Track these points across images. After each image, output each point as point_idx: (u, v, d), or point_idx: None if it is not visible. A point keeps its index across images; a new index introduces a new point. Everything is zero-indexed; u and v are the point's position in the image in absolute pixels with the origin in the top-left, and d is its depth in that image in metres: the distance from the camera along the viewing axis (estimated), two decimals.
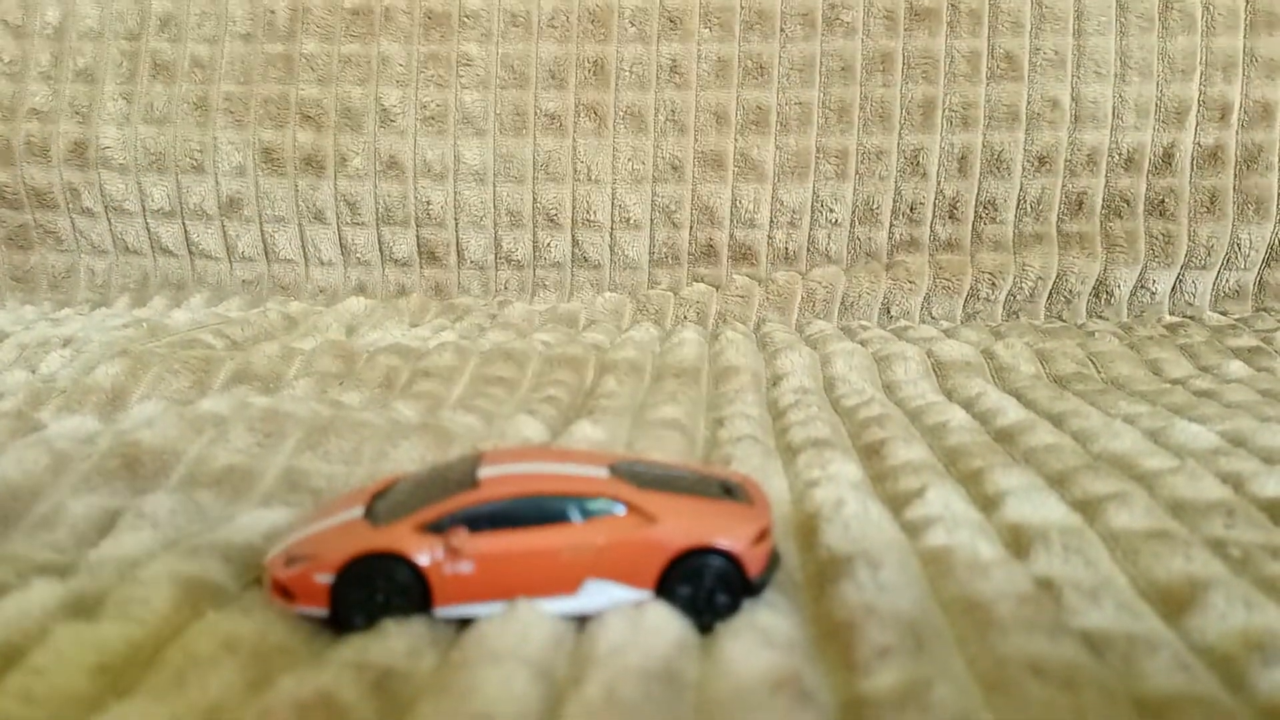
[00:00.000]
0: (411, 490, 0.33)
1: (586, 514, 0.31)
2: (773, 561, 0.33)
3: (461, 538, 0.30)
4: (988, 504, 0.41)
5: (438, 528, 0.31)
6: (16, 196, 0.97)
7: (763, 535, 0.32)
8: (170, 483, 0.44)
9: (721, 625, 0.31)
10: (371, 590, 0.30)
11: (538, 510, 0.31)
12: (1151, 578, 0.34)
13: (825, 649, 0.30)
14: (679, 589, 0.31)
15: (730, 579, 0.31)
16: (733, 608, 0.31)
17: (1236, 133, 0.90)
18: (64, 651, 0.27)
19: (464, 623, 0.31)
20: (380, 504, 0.33)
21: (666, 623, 0.29)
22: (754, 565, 0.31)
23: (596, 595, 0.31)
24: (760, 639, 0.29)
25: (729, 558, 0.31)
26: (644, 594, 0.31)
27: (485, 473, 0.32)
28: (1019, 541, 0.37)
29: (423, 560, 0.30)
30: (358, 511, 0.33)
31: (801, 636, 0.30)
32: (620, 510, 0.31)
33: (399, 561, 0.30)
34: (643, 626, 0.29)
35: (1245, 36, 0.90)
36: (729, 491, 0.34)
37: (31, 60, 0.98)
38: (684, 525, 0.31)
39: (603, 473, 0.33)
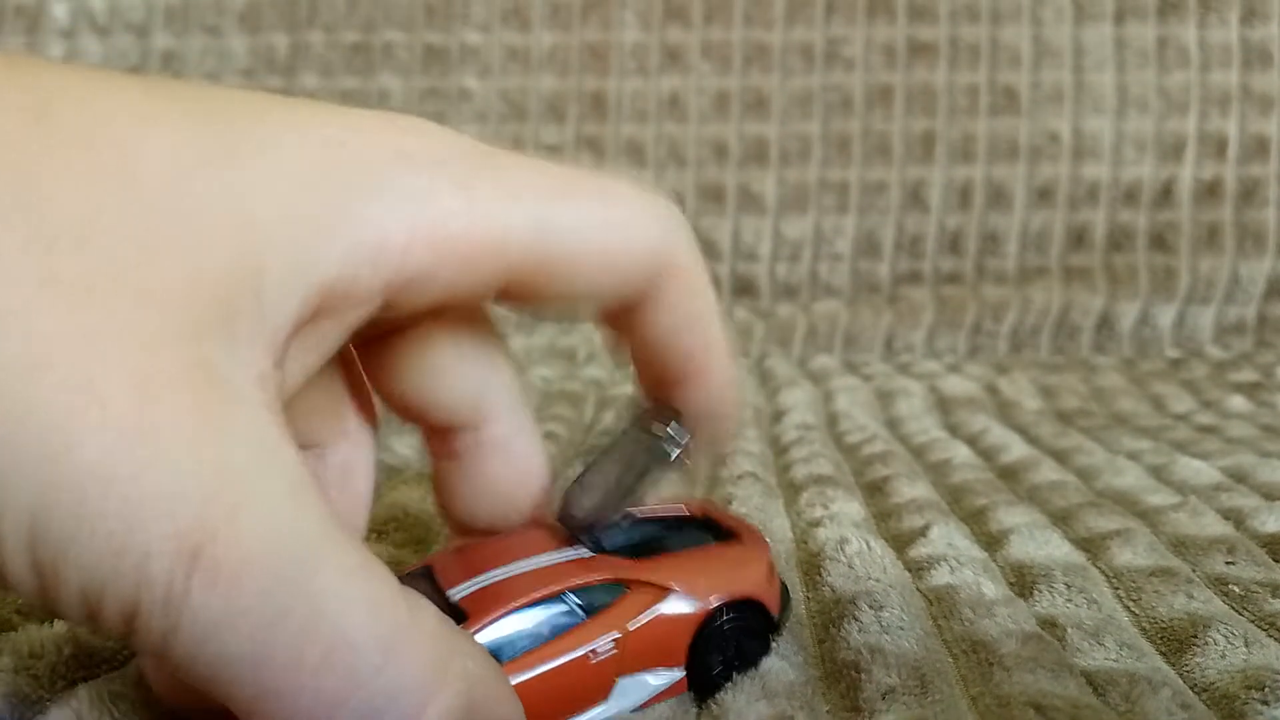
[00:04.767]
0: None
1: (592, 609, 0.27)
2: (785, 592, 0.31)
3: None
4: (991, 542, 0.41)
5: None
6: None
7: (771, 568, 0.30)
8: None
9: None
10: None
11: (543, 624, 0.26)
12: (1154, 616, 0.34)
13: (829, 691, 0.29)
14: (713, 656, 0.28)
15: (759, 627, 0.29)
16: (765, 652, 0.29)
17: (1234, 167, 0.90)
18: None
19: None
20: None
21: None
22: (773, 603, 0.29)
23: (631, 691, 0.27)
24: (758, 689, 0.28)
25: (754, 605, 0.29)
26: (677, 673, 0.28)
27: (457, 594, 0.27)
28: (1023, 580, 0.37)
29: None
30: None
31: (802, 680, 0.30)
32: (625, 592, 0.28)
33: None
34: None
35: (1239, 72, 0.91)
36: (710, 529, 0.31)
37: None
38: (700, 587, 0.28)
39: (581, 551, 0.29)
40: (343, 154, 0.21)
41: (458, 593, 0.27)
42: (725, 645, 0.28)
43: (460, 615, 0.26)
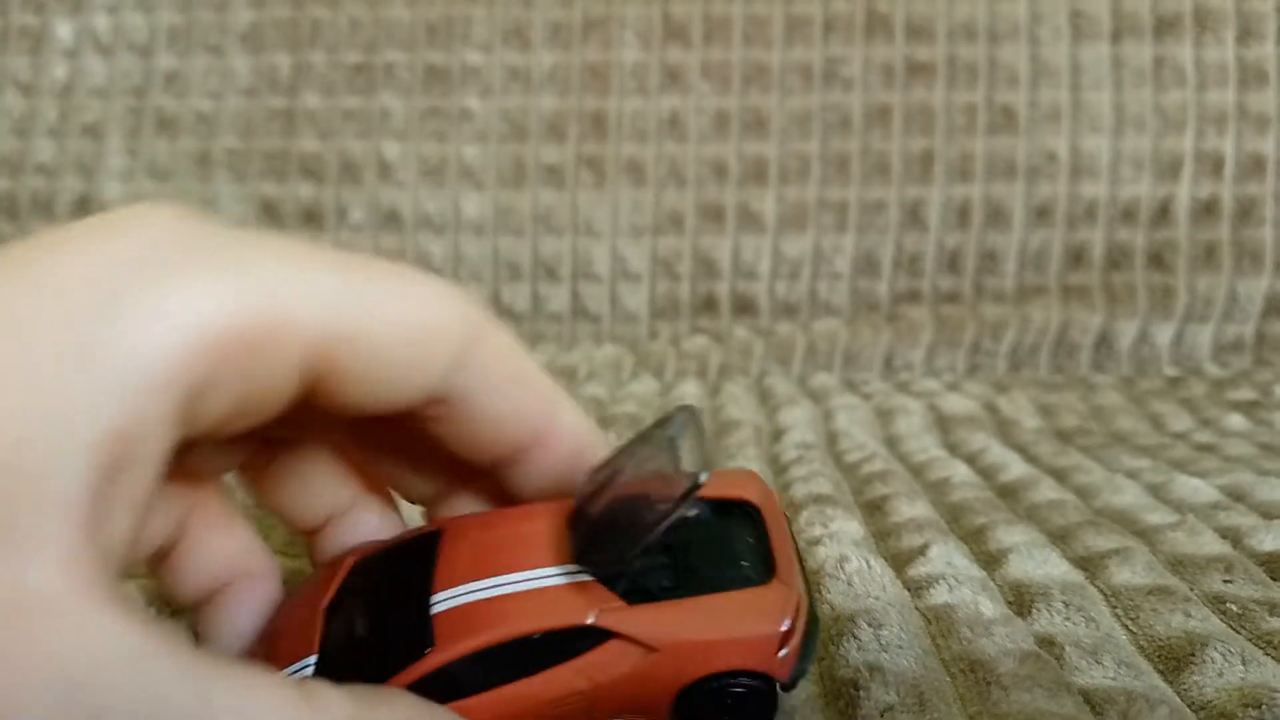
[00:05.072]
0: (360, 622, 0.27)
1: (566, 654, 0.25)
2: (809, 640, 0.27)
3: None
4: (990, 561, 0.41)
5: None
6: None
7: (793, 623, 0.26)
8: None
9: None
10: None
11: (510, 663, 0.25)
12: (1151, 634, 0.34)
13: (827, 708, 0.30)
14: None
15: (753, 699, 0.26)
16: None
17: (1230, 186, 0.90)
18: None
19: None
20: (333, 634, 0.27)
21: None
22: (783, 667, 0.26)
23: None
24: None
25: (750, 676, 0.26)
26: None
27: (439, 604, 0.26)
28: (1021, 599, 0.37)
29: None
30: (310, 662, 0.26)
31: (800, 697, 0.30)
32: (608, 639, 0.25)
33: None
34: None
35: (1236, 91, 0.91)
36: (751, 551, 0.28)
37: (39, 117, 0.99)
38: (691, 648, 0.26)
39: (581, 575, 0.26)
40: (73, 287, 0.18)
41: (440, 601, 0.26)
42: (713, 714, 0.26)
43: (428, 638, 0.25)
